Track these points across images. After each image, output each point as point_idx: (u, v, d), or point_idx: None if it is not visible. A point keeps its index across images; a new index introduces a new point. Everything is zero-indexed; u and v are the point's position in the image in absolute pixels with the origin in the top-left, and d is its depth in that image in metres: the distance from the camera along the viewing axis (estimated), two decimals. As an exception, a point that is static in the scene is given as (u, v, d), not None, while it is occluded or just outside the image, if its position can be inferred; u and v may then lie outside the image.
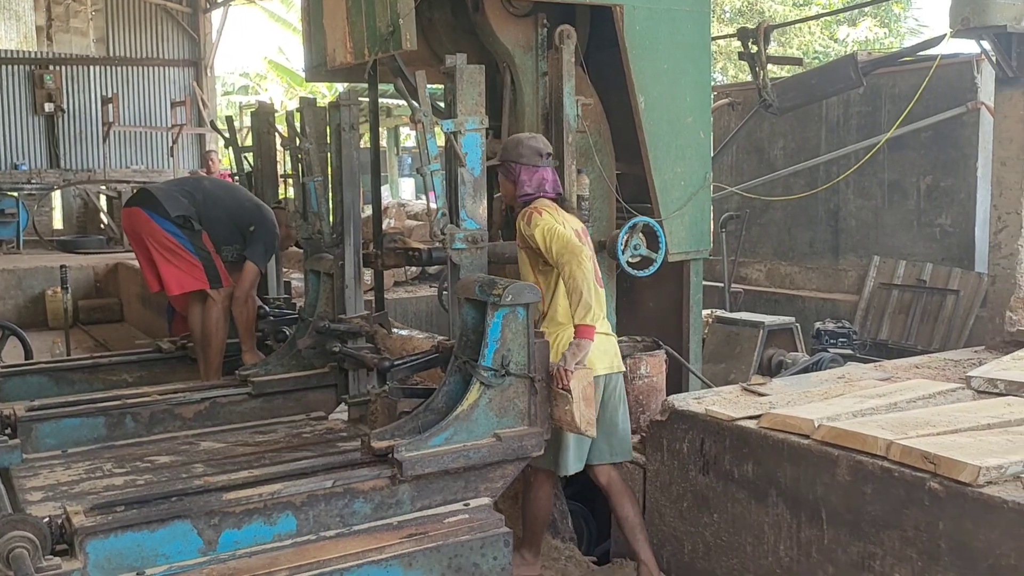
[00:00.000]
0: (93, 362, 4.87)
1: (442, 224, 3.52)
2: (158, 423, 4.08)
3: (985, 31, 4.88)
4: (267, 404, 4.29)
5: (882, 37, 20.26)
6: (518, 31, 4.34)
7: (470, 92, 3.49)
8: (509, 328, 3.20)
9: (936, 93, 6.74)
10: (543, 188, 3.66)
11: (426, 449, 3.07)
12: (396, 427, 3.22)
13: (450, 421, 3.14)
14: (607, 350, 3.66)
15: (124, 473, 3.48)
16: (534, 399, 3.28)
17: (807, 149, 8.17)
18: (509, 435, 3.21)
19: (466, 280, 3.43)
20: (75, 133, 15.26)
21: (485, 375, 3.16)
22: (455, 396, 3.26)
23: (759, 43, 6.33)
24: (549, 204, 3.61)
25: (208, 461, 3.60)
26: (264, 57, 23.28)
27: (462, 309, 3.37)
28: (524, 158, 3.66)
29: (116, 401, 4.11)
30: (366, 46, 4.18)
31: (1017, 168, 5.05)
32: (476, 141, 3.52)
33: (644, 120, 4.34)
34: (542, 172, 3.67)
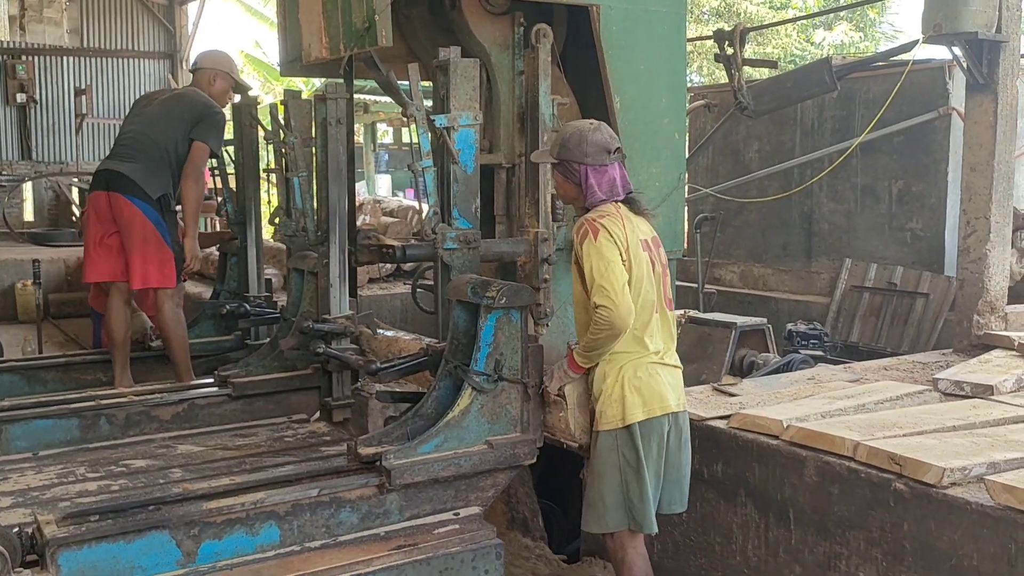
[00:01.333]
0: (66, 360, 4.72)
1: (434, 223, 3.40)
2: (134, 425, 3.95)
3: (957, 37, 4.95)
4: (247, 406, 4.16)
5: (857, 41, 20.44)
6: (495, 29, 4.34)
7: (464, 87, 3.35)
8: (503, 331, 3.09)
9: (908, 98, 6.81)
10: (614, 191, 3.19)
11: (415, 456, 2.97)
12: (383, 433, 3.10)
13: (440, 428, 3.03)
14: (674, 384, 3.22)
15: (98, 478, 3.34)
16: (527, 405, 3.18)
17: (782, 152, 8.23)
18: (501, 442, 3.11)
19: (458, 281, 3.29)
20: (48, 124, 15.06)
21: (477, 380, 3.06)
22: (445, 401, 3.16)
23: (735, 45, 6.38)
24: (614, 213, 3.15)
25: (186, 466, 3.47)
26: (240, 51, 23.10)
27: (453, 311, 3.23)
28: (590, 157, 3.16)
29: (90, 402, 3.97)
30: (342, 41, 4.16)
31: (986, 174, 5.12)
32: (470, 137, 3.39)
33: (620, 120, 4.35)
34: (611, 172, 3.19)
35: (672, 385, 3.18)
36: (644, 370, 3.12)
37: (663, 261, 3.25)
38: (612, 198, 3.18)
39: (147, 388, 4.30)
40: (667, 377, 3.17)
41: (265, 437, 3.86)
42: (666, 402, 3.14)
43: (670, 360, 3.23)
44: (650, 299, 3.13)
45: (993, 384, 4.11)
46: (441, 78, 3.37)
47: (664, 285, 3.20)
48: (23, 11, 15.17)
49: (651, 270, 3.14)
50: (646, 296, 3.11)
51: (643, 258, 3.12)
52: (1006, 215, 5.24)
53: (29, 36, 15.17)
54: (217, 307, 4.98)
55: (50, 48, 15.14)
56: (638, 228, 3.17)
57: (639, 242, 3.12)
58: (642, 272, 3.10)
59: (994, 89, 5.03)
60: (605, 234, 3.08)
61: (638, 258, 3.10)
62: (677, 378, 3.23)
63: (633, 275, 3.08)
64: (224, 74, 4.95)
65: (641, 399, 3.10)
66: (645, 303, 3.11)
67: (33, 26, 15.24)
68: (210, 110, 4.76)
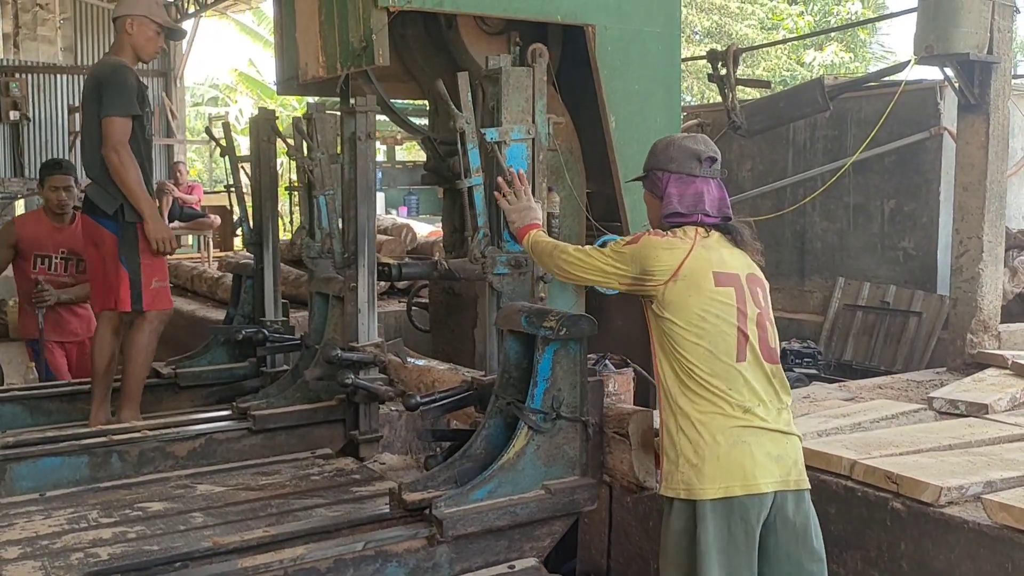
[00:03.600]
0: (72, 389, 4.38)
1: (483, 245, 3.11)
2: (148, 462, 3.67)
3: (948, 58, 4.99)
4: (268, 440, 3.85)
5: (848, 62, 20.61)
6: (491, 48, 4.37)
7: (516, 98, 3.09)
8: (560, 365, 2.79)
9: (900, 118, 6.86)
10: (699, 207, 2.63)
11: (467, 504, 2.68)
12: (429, 477, 2.82)
13: (494, 472, 2.73)
14: (778, 454, 2.52)
15: (112, 523, 3.06)
16: (586, 446, 2.86)
17: (774, 171, 8.27)
18: (559, 487, 2.80)
19: (509, 310, 2.98)
20: (41, 142, 15.07)
21: (534, 419, 2.76)
22: (496, 441, 2.86)
23: (728, 66, 6.42)
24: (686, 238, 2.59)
25: (207, 509, 3.18)
26: (233, 69, 23.18)
27: (504, 342, 2.93)
28: (674, 163, 2.66)
29: (101, 438, 3.69)
30: (339, 60, 4.18)
31: (979, 193, 5.15)
32: (522, 152, 3.12)
33: (615, 139, 4.38)
34: (699, 185, 2.65)
35: (772, 456, 2.50)
36: (726, 435, 2.49)
37: (763, 305, 2.62)
38: (695, 216, 2.63)
39: (160, 422, 3.97)
40: (763, 445, 2.50)
41: (289, 475, 3.59)
42: (754, 479, 2.47)
43: (770, 421, 2.53)
44: (726, 343, 2.52)
45: (988, 403, 4.12)
46: (491, 89, 3.14)
47: (763, 331, 2.59)
48: (17, 29, 15.19)
49: (736, 309, 2.54)
50: (717, 337, 2.52)
51: (720, 293, 2.54)
52: (998, 235, 5.27)
53: (23, 54, 15.19)
54: (232, 332, 4.60)
55: (44, 66, 15.16)
56: (724, 259, 2.59)
57: (715, 274, 2.55)
58: (714, 308, 2.52)
59: (986, 110, 5.07)
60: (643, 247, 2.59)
61: (704, 289, 2.53)
62: (782, 446, 2.53)
63: (693, 308, 2.52)
64: (141, 18, 4.05)
65: (716, 472, 2.48)
66: (718, 346, 2.52)
67: (27, 44, 15.26)
68: (106, 76, 3.94)
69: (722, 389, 2.51)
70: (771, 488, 2.49)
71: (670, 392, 2.58)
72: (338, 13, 4.13)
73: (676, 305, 2.53)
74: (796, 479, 2.55)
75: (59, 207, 5.12)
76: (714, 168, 2.69)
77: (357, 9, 3.98)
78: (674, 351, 2.55)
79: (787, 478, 2.52)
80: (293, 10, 4.62)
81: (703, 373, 2.51)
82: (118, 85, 3.88)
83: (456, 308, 5.02)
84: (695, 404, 2.52)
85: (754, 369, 2.55)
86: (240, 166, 4.87)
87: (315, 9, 4.34)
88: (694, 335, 2.51)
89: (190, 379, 4.49)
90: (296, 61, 4.62)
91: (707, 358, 2.51)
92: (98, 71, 4.01)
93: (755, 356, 2.55)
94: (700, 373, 2.51)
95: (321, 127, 4.06)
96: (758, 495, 2.48)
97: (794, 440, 2.59)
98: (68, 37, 15.45)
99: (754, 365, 2.55)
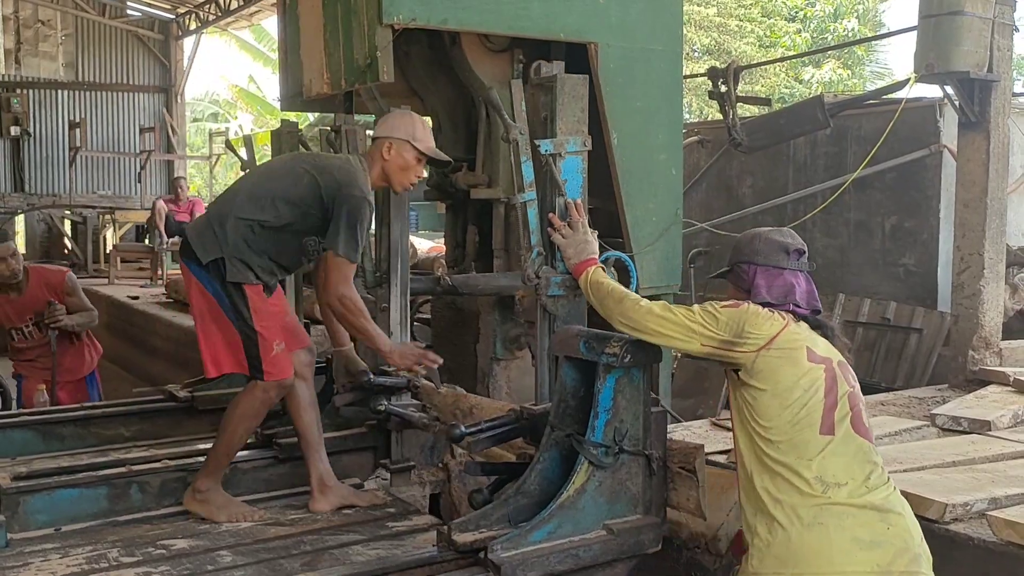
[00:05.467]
0: (85, 413, 4.19)
1: (537, 265, 2.92)
2: (169, 494, 3.42)
3: (949, 76, 5.02)
4: (296, 469, 3.58)
5: (846, 79, 20.71)
6: (495, 66, 4.38)
7: (572, 107, 2.90)
8: (623, 394, 2.61)
9: (900, 136, 6.89)
10: (790, 297, 2.52)
11: (527, 547, 2.47)
12: (481, 515, 2.61)
13: (554, 511, 2.53)
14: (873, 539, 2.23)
15: (135, 563, 2.84)
16: (650, 482, 2.68)
17: (775, 188, 8.29)
18: (623, 527, 2.60)
19: (565, 334, 2.78)
20: (41, 157, 15.11)
21: (595, 453, 2.57)
22: (551, 476, 2.67)
23: (728, 83, 6.46)
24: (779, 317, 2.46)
25: (236, 547, 2.98)
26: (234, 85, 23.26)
27: (560, 369, 2.75)
28: (760, 256, 2.58)
29: (120, 468, 3.48)
30: (343, 77, 4.19)
31: (979, 210, 5.18)
32: (577, 166, 2.93)
33: (617, 156, 4.39)
34: (787, 277, 2.55)
35: (862, 542, 2.21)
36: (801, 514, 2.26)
37: (854, 385, 2.46)
38: (786, 306, 2.51)
39: (182, 450, 3.76)
40: (847, 529, 2.23)
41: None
42: (829, 567, 2.21)
43: (857, 500, 2.26)
44: (811, 416, 2.33)
45: (990, 420, 4.13)
46: (543, 98, 2.95)
47: (855, 408, 2.40)
48: (19, 44, 15.26)
49: (825, 385, 2.37)
50: (802, 409, 2.33)
51: (812, 369, 2.39)
52: (999, 251, 5.29)
53: (24, 69, 15.25)
54: None
55: (45, 81, 15.23)
56: (816, 342, 2.46)
57: (808, 350, 2.41)
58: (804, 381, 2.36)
59: (986, 127, 5.10)
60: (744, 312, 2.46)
61: (798, 362, 2.39)
62: (879, 531, 2.23)
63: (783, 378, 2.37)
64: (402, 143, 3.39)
65: (787, 555, 2.25)
66: (801, 419, 2.33)
67: (28, 60, 15.33)
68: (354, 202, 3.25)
69: (801, 462, 2.29)
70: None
71: (746, 466, 2.39)
72: (343, 30, 4.15)
73: (766, 373, 2.38)
74: (903, 570, 2.21)
75: (11, 276, 5.15)
76: (802, 261, 2.60)
77: (362, 26, 4.00)
78: (754, 420, 2.38)
79: (888, 569, 2.20)
80: (297, 27, 4.64)
81: (782, 445, 2.32)
82: (360, 224, 3.23)
83: (458, 323, 5.02)
84: (772, 479, 2.32)
85: (843, 445, 2.33)
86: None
87: (320, 26, 4.36)
88: (778, 404, 2.35)
89: (208, 403, 4.21)
90: (300, 77, 4.64)
91: (788, 429, 2.33)
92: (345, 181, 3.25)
93: (845, 431, 2.34)
94: (779, 444, 2.32)
95: (352, 139, 3.91)
96: None
97: (900, 521, 2.27)
98: (69, 53, 15.52)
99: (843, 441, 2.33)
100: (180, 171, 15.39)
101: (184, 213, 11.00)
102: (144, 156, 14.62)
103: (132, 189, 15.35)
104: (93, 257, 12.99)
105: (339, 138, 3.98)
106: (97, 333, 5.79)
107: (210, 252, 3.19)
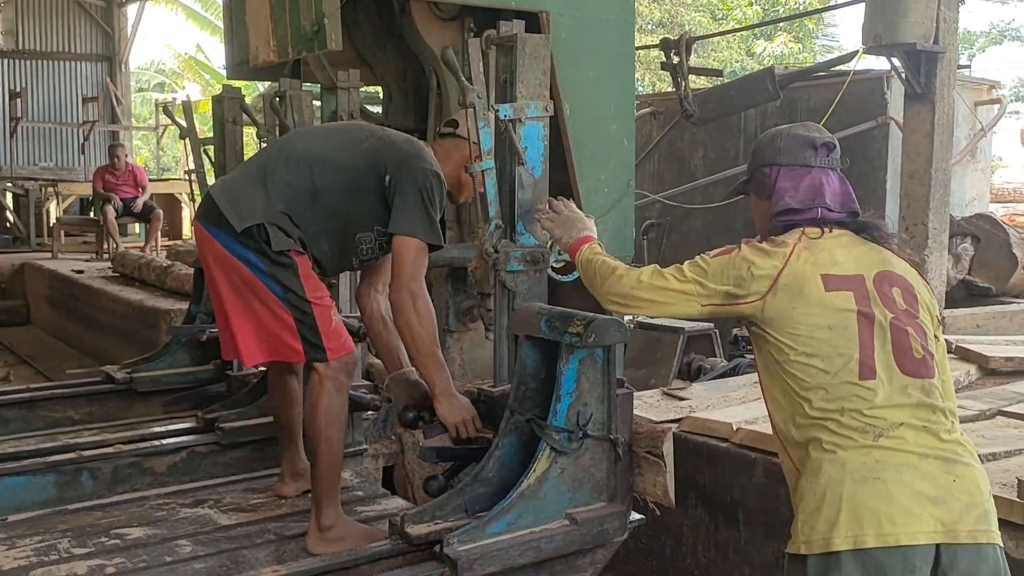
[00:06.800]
0: (31, 395, 4.00)
1: (495, 239, 2.73)
2: (123, 480, 3.30)
3: (896, 48, 5.08)
4: (257, 453, 3.46)
5: (796, 52, 20.88)
6: (444, 34, 4.34)
7: (533, 70, 2.70)
8: (587, 376, 2.47)
9: (848, 108, 6.96)
10: (819, 199, 2.19)
11: (485, 540, 2.34)
12: (436, 506, 2.50)
13: (513, 500, 2.41)
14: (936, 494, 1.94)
15: (87, 554, 2.70)
16: (615, 467, 2.56)
17: (726, 159, 8.35)
18: (586, 516, 2.48)
19: (525, 312, 2.63)
20: (-21, 127, 14.69)
21: (557, 438, 2.44)
22: (510, 463, 2.56)
23: (681, 54, 6.48)
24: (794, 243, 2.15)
25: (195, 536, 2.84)
26: (181, 53, 22.76)
27: (521, 349, 2.60)
28: (784, 155, 2.24)
29: (70, 453, 3.31)
30: (290, 45, 4.12)
31: (924, 181, 5.26)
32: (538, 132, 2.74)
33: (569, 126, 4.38)
34: (816, 175, 2.21)
35: (926, 497, 1.93)
36: (852, 469, 1.98)
37: (902, 306, 2.12)
38: (814, 211, 2.18)
39: (135, 433, 3.56)
40: (908, 483, 1.94)
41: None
42: (892, 527, 1.91)
43: (919, 448, 1.98)
44: (843, 358, 2.05)
45: (933, 386, 4.21)
46: (502, 59, 2.76)
47: (902, 337, 2.08)
48: (-45, 12, 14.78)
49: (857, 315, 2.07)
50: (832, 352, 2.06)
51: (833, 299, 2.08)
52: (943, 221, 5.39)
53: (-39, 37, 14.77)
54: (194, 332, 4.14)
55: (-17, 49, 14.76)
56: (837, 259, 2.13)
57: (824, 278, 2.10)
58: (825, 317, 2.07)
59: (931, 99, 5.18)
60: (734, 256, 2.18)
61: (810, 296, 2.09)
62: (944, 484, 1.95)
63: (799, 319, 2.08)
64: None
65: (842, 516, 1.95)
66: (833, 363, 2.05)
67: (-35, 27, 14.84)
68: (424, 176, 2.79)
69: (845, 414, 2.02)
70: (924, 540, 1.90)
71: (781, 427, 2.14)
72: (289, -4, 4.07)
73: (780, 321, 2.10)
74: (971, 529, 1.93)
75: None
76: (832, 157, 2.25)
77: (309, -8, 3.93)
78: (782, 376, 2.11)
79: (954, 527, 1.91)
80: (243, -7, 4.54)
81: (821, 395, 2.04)
82: (435, 204, 2.77)
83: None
84: (812, 436, 2.05)
85: (890, 387, 2.03)
86: (203, 149, 4.70)
87: (266, -8, 4.27)
88: (804, 353, 2.07)
89: (148, 384, 4.05)
90: (246, 45, 4.55)
91: (822, 378, 2.05)
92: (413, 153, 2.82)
93: (889, 371, 2.04)
94: (814, 398, 2.05)
95: (297, 105, 3.76)
96: (900, 548, 1.90)
97: (969, 473, 1.99)
98: (9, 20, 15.04)
99: (889, 382, 2.03)
100: (125, 143, 15.04)
101: (126, 185, 10.69)
102: (88, 127, 14.28)
103: (76, 160, 14.98)
104: (36, 231, 12.67)
105: (284, 104, 3.87)
106: (39, 307, 5.65)
107: (247, 217, 2.68)
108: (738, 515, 3.47)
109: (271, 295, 2.69)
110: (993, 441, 3.37)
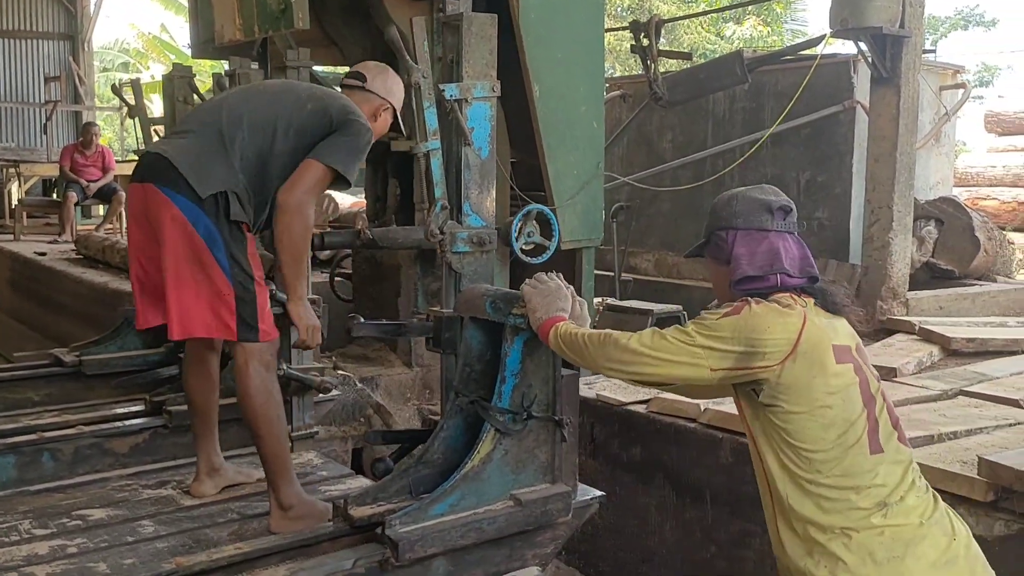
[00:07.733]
0: None
1: (441, 220, 2.72)
2: (83, 461, 3.27)
3: (862, 32, 5.12)
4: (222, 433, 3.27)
5: (765, 35, 20.98)
6: (412, 13, 4.25)
7: (480, 49, 2.67)
8: (531, 358, 2.46)
9: (816, 91, 7.01)
10: (776, 265, 2.10)
11: (426, 521, 2.34)
12: (380, 488, 2.50)
13: (456, 482, 2.40)
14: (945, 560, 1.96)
15: (48, 535, 2.69)
16: (559, 448, 2.56)
17: (695, 143, 8.37)
18: (530, 497, 2.48)
19: (471, 293, 2.63)
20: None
21: (501, 420, 2.44)
22: (455, 445, 2.55)
23: (650, 37, 6.48)
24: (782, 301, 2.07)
25: (157, 516, 2.82)
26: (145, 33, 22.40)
27: (466, 331, 2.59)
28: (740, 218, 2.15)
29: (31, 435, 3.26)
30: (256, 23, 4.06)
31: (889, 164, 5.32)
32: (485, 113, 2.72)
33: (539, 108, 4.37)
34: (774, 240, 2.13)
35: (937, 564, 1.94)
36: (874, 548, 1.94)
37: (879, 380, 2.13)
38: (772, 278, 2.09)
39: (97, 414, 3.53)
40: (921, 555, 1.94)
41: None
42: None
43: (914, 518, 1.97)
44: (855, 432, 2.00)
45: (896, 367, 4.28)
46: (450, 39, 2.71)
47: (892, 413, 2.09)
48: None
49: (859, 390, 2.03)
50: (846, 426, 2.00)
51: (842, 372, 2.03)
52: (907, 204, 5.46)
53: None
54: None
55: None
56: (836, 329, 2.09)
57: (834, 348, 2.04)
58: (839, 390, 2.01)
59: (897, 83, 5.23)
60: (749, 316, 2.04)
61: (827, 367, 2.02)
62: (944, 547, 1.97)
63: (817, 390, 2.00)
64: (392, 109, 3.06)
65: None
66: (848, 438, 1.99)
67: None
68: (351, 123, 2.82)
69: (859, 488, 1.97)
70: None
71: (783, 500, 2.03)
72: (255, -26, 4.01)
73: (796, 389, 2.00)
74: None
75: None
76: (789, 221, 2.16)
77: (275, -30, 3.87)
78: (789, 448, 2.02)
79: None
80: (208, -30, 4.47)
81: (832, 469, 1.98)
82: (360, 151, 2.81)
83: (379, 278, 4.98)
84: (823, 511, 1.98)
85: (894, 461, 2.02)
86: (153, 129, 4.66)
87: (231, -31, 4.21)
88: (820, 425, 1.99)
89: (96, 367, 3.97)
90: (211, 24, 4.48)
91: (836, 451, 1.98)
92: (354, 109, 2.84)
93: (888, 443, 2.03)
94: (828, 469, 1.98)
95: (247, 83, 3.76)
96: None
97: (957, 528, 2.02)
98: (-35, -3, 14.72)
99: (894, 455, 2.02)
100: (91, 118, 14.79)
101: (93, 167, 10.51)
102: (50, 107, 13.99)
103: (38, 141, 14.72)
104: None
105: (233, 83, 3.83)
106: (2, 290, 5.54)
107: (212, 184, 2.62)
108: (704, 494, 3.51)
109: (217, 267, 2.65)
110: (954, 420, 3.44)
